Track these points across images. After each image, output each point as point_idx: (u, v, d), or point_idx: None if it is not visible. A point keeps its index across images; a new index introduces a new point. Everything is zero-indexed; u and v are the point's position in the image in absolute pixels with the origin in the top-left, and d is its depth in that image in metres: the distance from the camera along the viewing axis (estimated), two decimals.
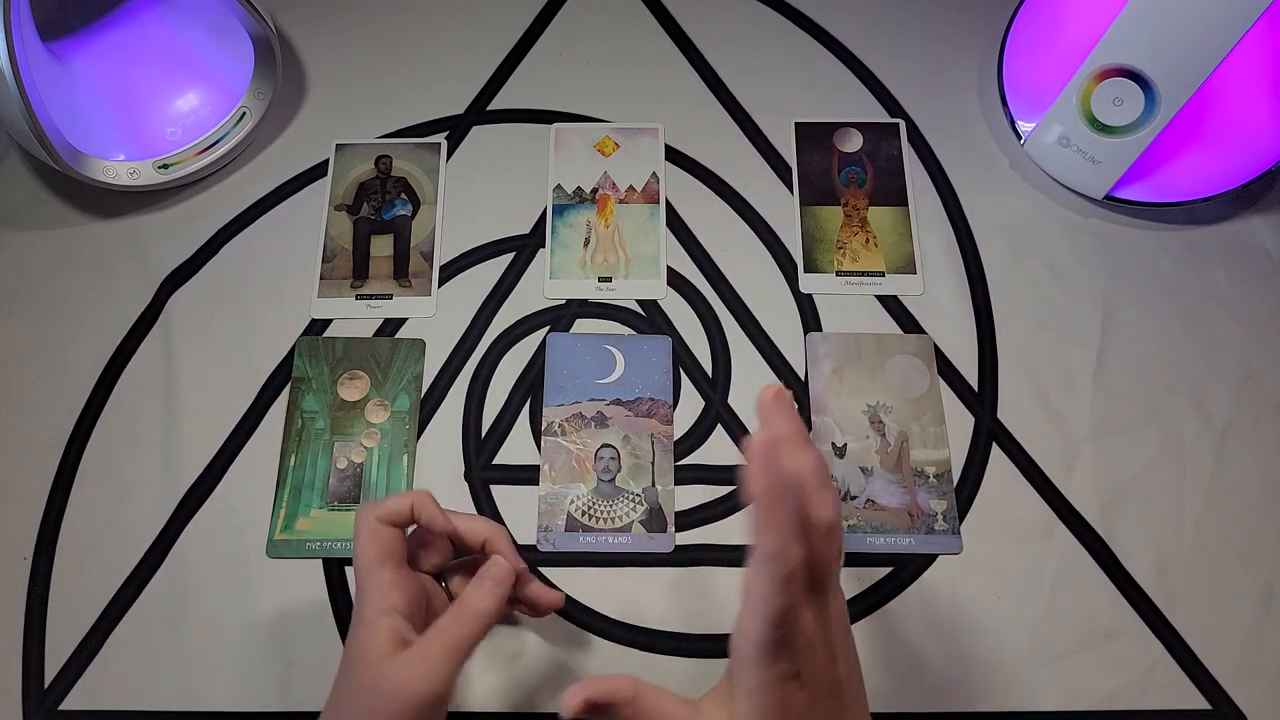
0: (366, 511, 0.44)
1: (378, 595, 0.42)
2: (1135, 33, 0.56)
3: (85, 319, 0.60)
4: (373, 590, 0.42)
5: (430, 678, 0.40)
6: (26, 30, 0.55)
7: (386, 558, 0.43)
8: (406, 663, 0.40)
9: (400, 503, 0.44)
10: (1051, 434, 0.57)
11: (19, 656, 0.52)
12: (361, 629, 0.41)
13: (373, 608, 0.42)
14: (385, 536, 0.43)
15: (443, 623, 0.41)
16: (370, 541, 0.43)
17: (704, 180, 0.65)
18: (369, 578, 0.42)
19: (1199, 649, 0.52)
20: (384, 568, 0.43)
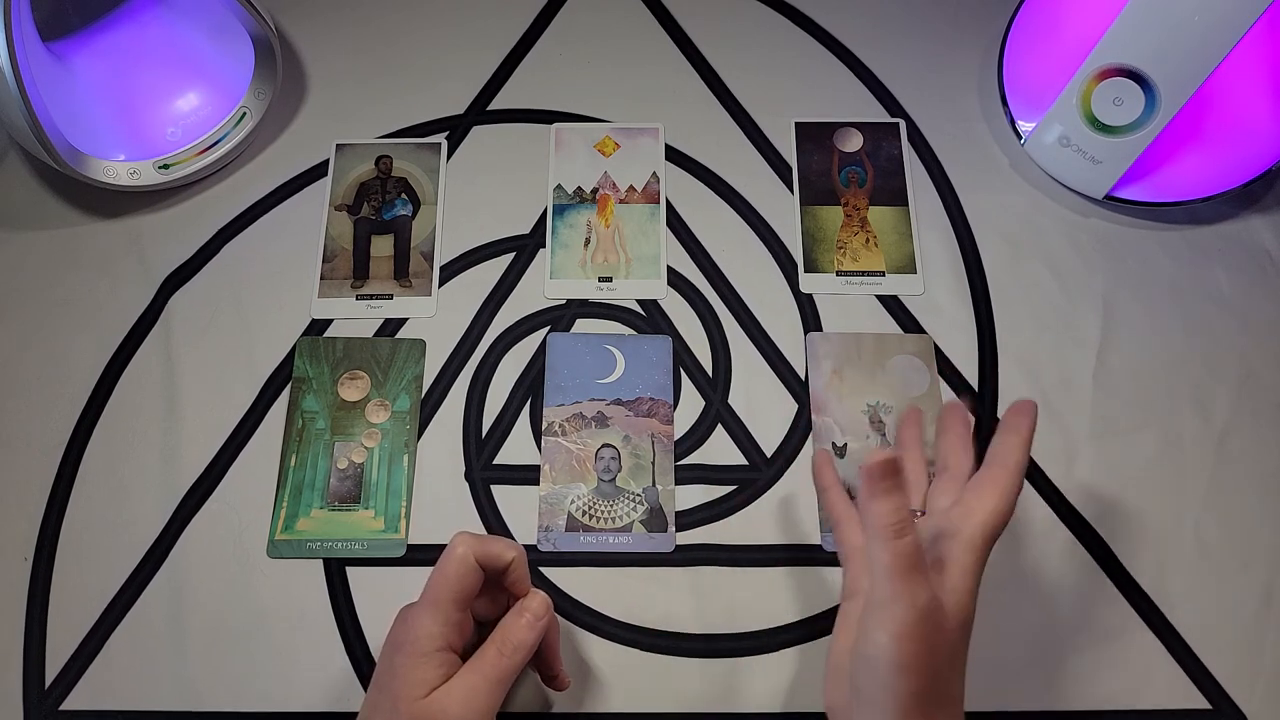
0: (467, 545, 0.43)
1: (442, 631, 0.42)
2: (1135, 33, 0.56)
3: (85, 319, 0.60)
4: (439, 625, 0.42)
5: (476, 711, 0.41)
6: (26, 30, 0.55)
7: (466, 598, 0.43)
8: (455, 695, 0.41)
9: (503, 552, 0.44)
10: (1051, 434, 0.57)
11: (19, 656, 0.52)
12: (417, 661, 0.41)
13: (432, 642, 0.42)
14: (473, 578, 0.43)
15: (487, 655, 0.43)
16: (461, 577, 0.43)
17: (704, 180, 0.65)
18: (440, 611, 0.42)
19: (1199, 649, 0.52)
20: (458, 607, 0.43)
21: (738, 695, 0.51)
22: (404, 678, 0.41)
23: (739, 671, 0.52)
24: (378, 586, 0.54)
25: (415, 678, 0.41)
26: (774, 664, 0.52)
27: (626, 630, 0.53)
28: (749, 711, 0.51)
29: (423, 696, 0.41)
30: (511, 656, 0.43)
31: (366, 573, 0.54)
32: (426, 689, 0.41)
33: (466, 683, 0.42)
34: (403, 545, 0.55)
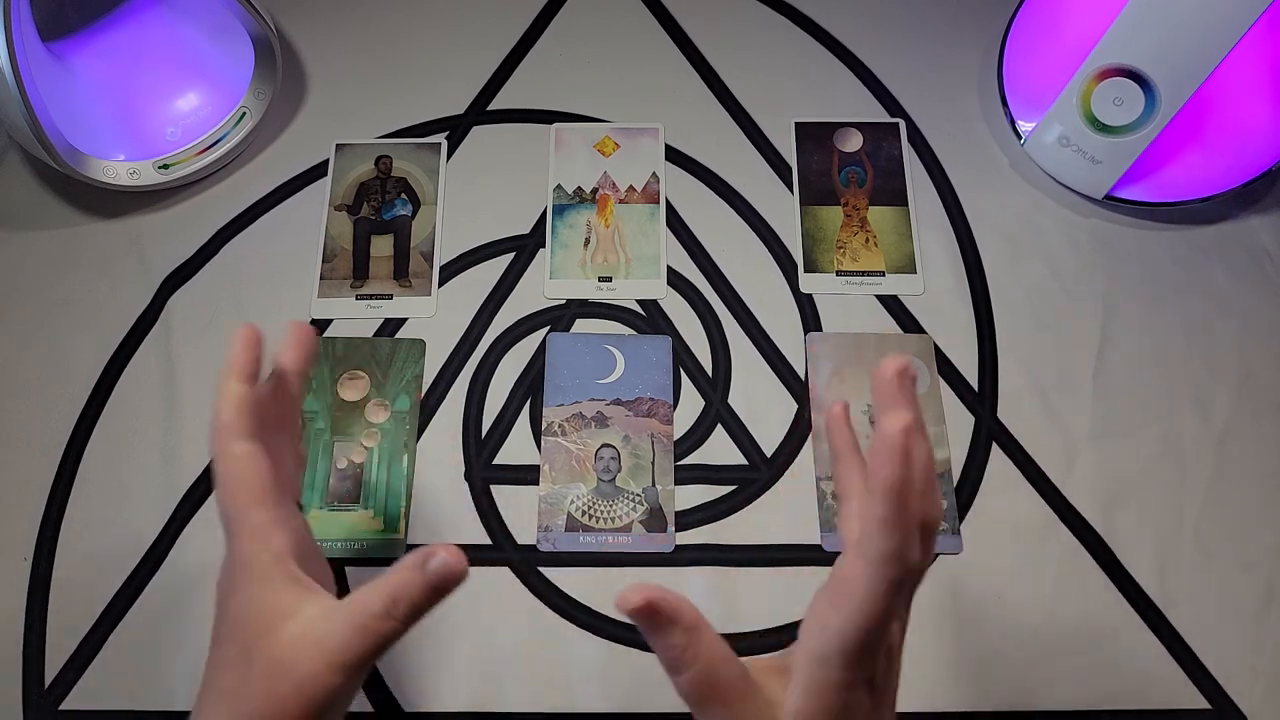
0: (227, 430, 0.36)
1: (266, 536, 0.35)
2: (1135, 33, 0.56)
3: (85, 319, 0.60)
4: (260, 534, 0.35)
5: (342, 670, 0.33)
6: (26, 30, 0.55)
7: (266, 488, 0.36)
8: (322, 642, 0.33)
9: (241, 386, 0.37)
10: (1051, 434, 0.57)
11: (19, 656, 0.52)
12: (256, 589, 0.34)
13: (263, 554, 0.34)
14: (260, 464, 0.36)
15: (369, 607, 0.33)
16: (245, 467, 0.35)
17: (704, 180, 0.65)
18: (250, 519, 0.35)
19: (1199, 649, 0.52)
20: (264, 504, 0.35)
21: None
22: (242, 615, 0.34)
23: None
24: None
25: (257, 607, 0.34)
26: None
27: (626, 630, 0.53)
28: None
29: (278, 633, 0.33)
30: (404, 619, 0.33)
31: (366, 573, 0.54)
32: (281, 621, 0.33)
33: (340, 630, 0.33)
34: (402, 545, 0.55)
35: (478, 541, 0.55)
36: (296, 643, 0.33)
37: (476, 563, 0.54)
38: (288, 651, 0.33)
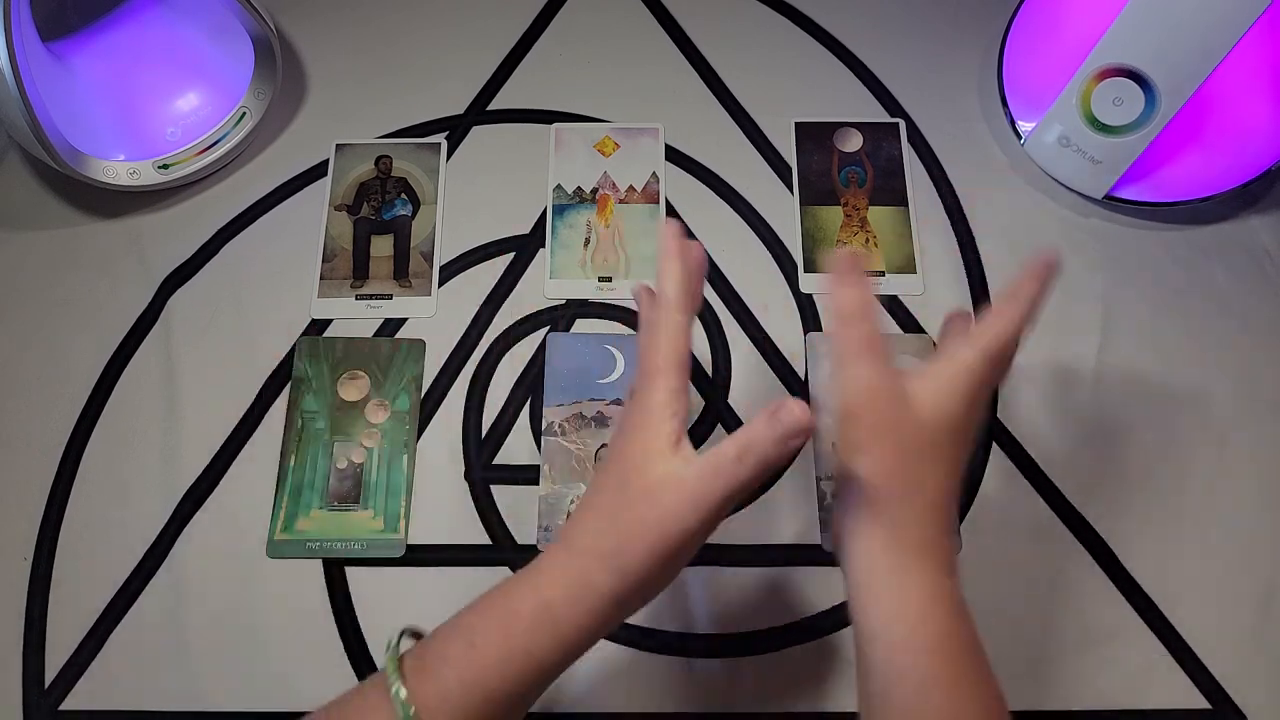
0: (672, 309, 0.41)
1: (668, 400, 0.39)
2: (1135, 33, 0.56)
3: (85, 319, 0.60)
4: (664, 393, 0.39)
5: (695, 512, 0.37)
6: (26, 30, 0.55)
7: (685, 361, 0.41)
8: (686, 482, 0.37)
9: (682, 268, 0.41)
10: (1051, 434, 0.57)
11: (19, 656, 0.52)
12: (646, 431, 0.39)
13: (663, 409, 0.39)
14: (689, 338, 0.41)
15: (725, 454, 0.38)
16: (677, 337, 0.40)
17: (704, 180, 0.65)
18: (663, 377, 0.40)
19: (1199, 649, 0.52)
20: (680, 370, 0.40)
21: (738, 695, 0.51)
22: (633, 448, 0.39)
23: (739, 671, 0.52)
24: (377, 586, 0.54)
25: (645, 447, 0.39)
26: (774, 664, 0.52)
27: (626, 630, 0.53)
28: (749, 711, 0.51)
29: (654, 468, 0.38)
30: (752, 468, 0.37)
31: (366, 573, 0.54)
32: (658, 459, 0.38)
33: (699, 474, 0.38)
34: (402, 545, 0.55)
35: (478, 541, 0.55)
36: (664, 480, 0.38)
37: (476, 563, 0.54)
38: (655, 485, 0.38)
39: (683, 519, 0.37)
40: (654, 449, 0.39)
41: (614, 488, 0.39)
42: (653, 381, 0.40)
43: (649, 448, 0.39)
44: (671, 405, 0.39)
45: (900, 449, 0.39)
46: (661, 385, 0.40)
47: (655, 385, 0.40)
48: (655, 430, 0.39)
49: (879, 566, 0.39)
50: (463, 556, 0.54)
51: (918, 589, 0.38)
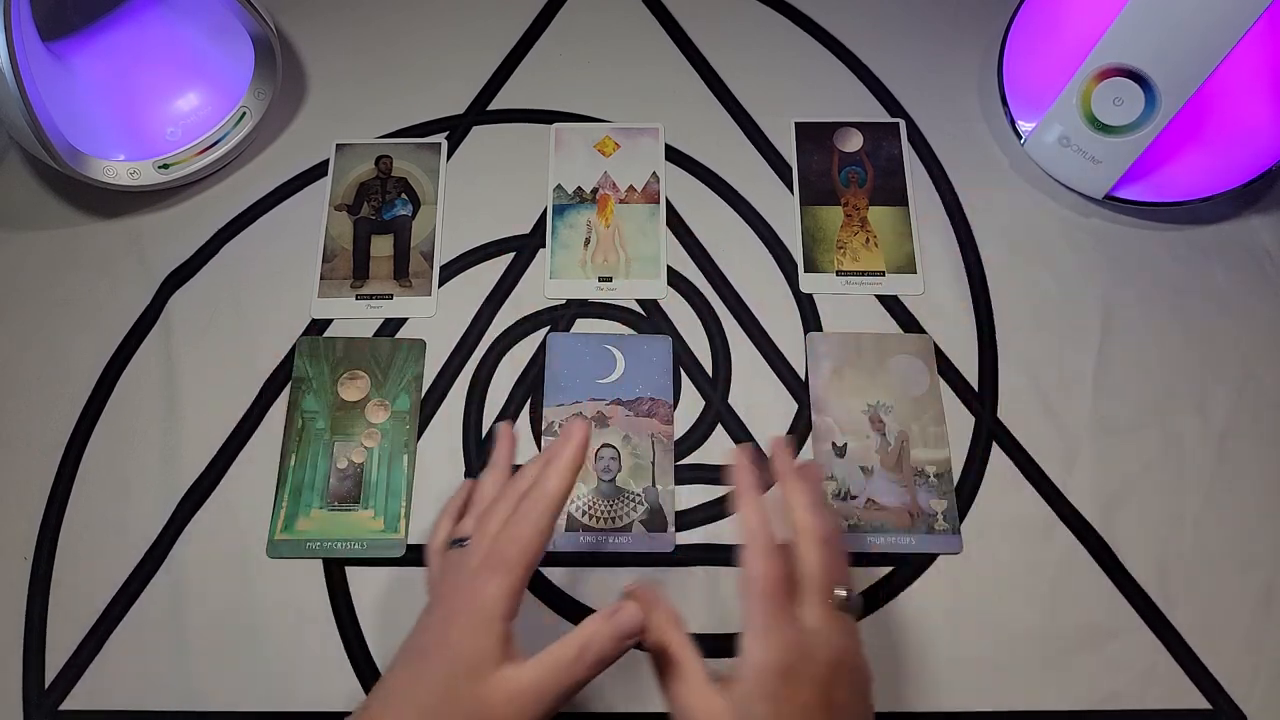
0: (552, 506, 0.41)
1: (510, 599, 0.39)
2: (1135, 33, 0.56)
3: (85, 319, 0.60)
4: (507, 591, 0.39)
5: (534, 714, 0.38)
6: (26, 30, 0.55)
7: (535, 563, 0.40)
8: (523, 688, 0.37)
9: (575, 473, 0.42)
10: (1051, 434, 0.57)
11: (19, 656, 0.52)
12: (481, 631, 0.38)
13: (499, 608, 0.39)
14: (547, 539, 0.41)
15: (565, 655, 0.38)
16: (541, 536, 0.40)
17: (704, 180, 0.65)
18: (513, 576, 0.39)
19: (1199, 649, 0.52)
20: (527, 572, 0.40)
21: None
22: (463, 648, 0.38)
23: None
24: (377, 586, 0.54)
25: (478, 649, 0.38)
26: None
27: None
28: None
29: (486, 673, 0.37)
30: (591, 666, 0.38)
31: (366, 573, 0.54)
32: (490, 664, 0.38)
33: (537, 678, 0.38)
34: (402, 545, 0.55)
35: None
36: (500, 688, 0.37)
37: None
38: (490, 694, 0.37)
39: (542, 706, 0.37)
40: (486, 652, 0.38)
41: (441, 689, 0.38)
42: (497, 574, 0.39)
43: (481, 649, 0.38)
44: (510, 604, 0.39)
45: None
46: (504, 581, 0.39)
47: (498, 579, 0.39)
48: (488, 630, 0.38)
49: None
50: None
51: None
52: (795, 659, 0.39)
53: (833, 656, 0.39)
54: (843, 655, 0.40)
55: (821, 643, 0.39)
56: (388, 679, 0.40)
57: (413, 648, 0.40)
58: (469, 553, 0.42)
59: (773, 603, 0.40)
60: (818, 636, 0.40)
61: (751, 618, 0.40)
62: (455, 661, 0.38)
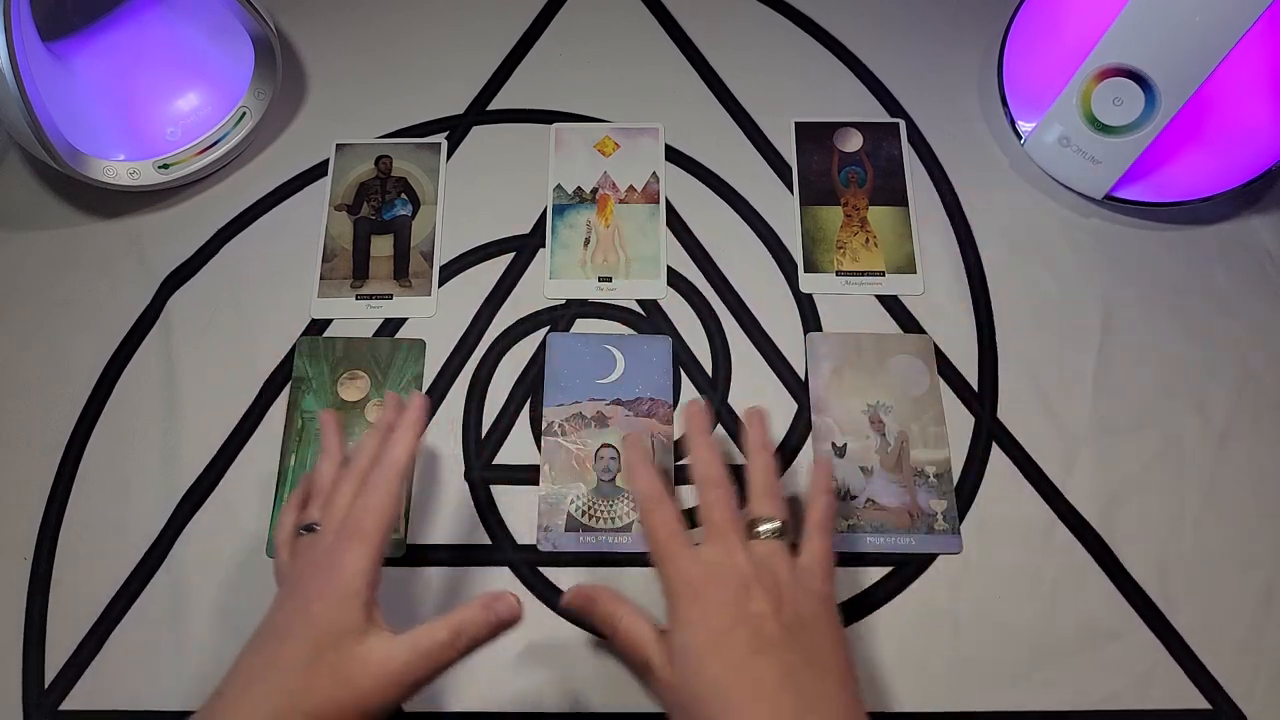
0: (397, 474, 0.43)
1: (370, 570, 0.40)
2: (1135, 33, 0.56)
3: (85, 319, 0.60)
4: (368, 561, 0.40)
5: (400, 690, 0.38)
6: (26, 30, 0.55)
7: (390, 531, 0.42)
8: (391, 663, 0.38)
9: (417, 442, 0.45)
10: (1051, 434, 0.57)
11: (19, 656, 0.52)
12: (344, 604, 0.39)
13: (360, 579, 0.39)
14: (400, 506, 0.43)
15: (436, 636, 0.40)
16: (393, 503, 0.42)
17: (704, 180, 0.65)
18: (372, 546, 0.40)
19: (1199, 649, 0.52)
20: (385, 540, 0.41)
21: None
22: (326, 621, 0.38)
23: None
24: None
25: (342, 620, 0.38)
26: None
27: None
28: None
29: (351, 644, 0.38)
30: (463, 650, 0.39)
31: None
32: (355, 635, 0.38)
33: (407, 658, 0.38)
34: (402, 545, 0.55)
35: (478, 542, 0.55)
36: (364, 661, 0.38)
37: (476, 563, 0.54)
38: (356, 668, 0.37)
39: (385, 701, 0.38)
40: (351, 624, 0.38)
41: (304, 665, 0.38)
42: (352, 543, 0.40)
43: (345, 621, 0.38)
44: (372, 573, 0.39)
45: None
46: (363, 550, 0.40)
47: (356, 549, 0.40)
48: (353, 600, 0.38)
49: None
50: (463, 556, 0.54)
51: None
52: (697, 586, 0.42)
53: (737, 579, 0.42)
54: (754, 575, 0.42)
55: (722, 569, 0.42)
56: (241, 663, 0.39)
57: (269, 630, 0.40)
58: (321, 533, 0.42)
59: (665, 548, 0.43)
60: (717, 565, 0.43)
61: (656, 566, 0.43)
62: (319, 636, 0.38)
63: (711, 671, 0.40)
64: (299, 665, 0.38)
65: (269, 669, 0.38)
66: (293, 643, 0.38)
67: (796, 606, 0.42)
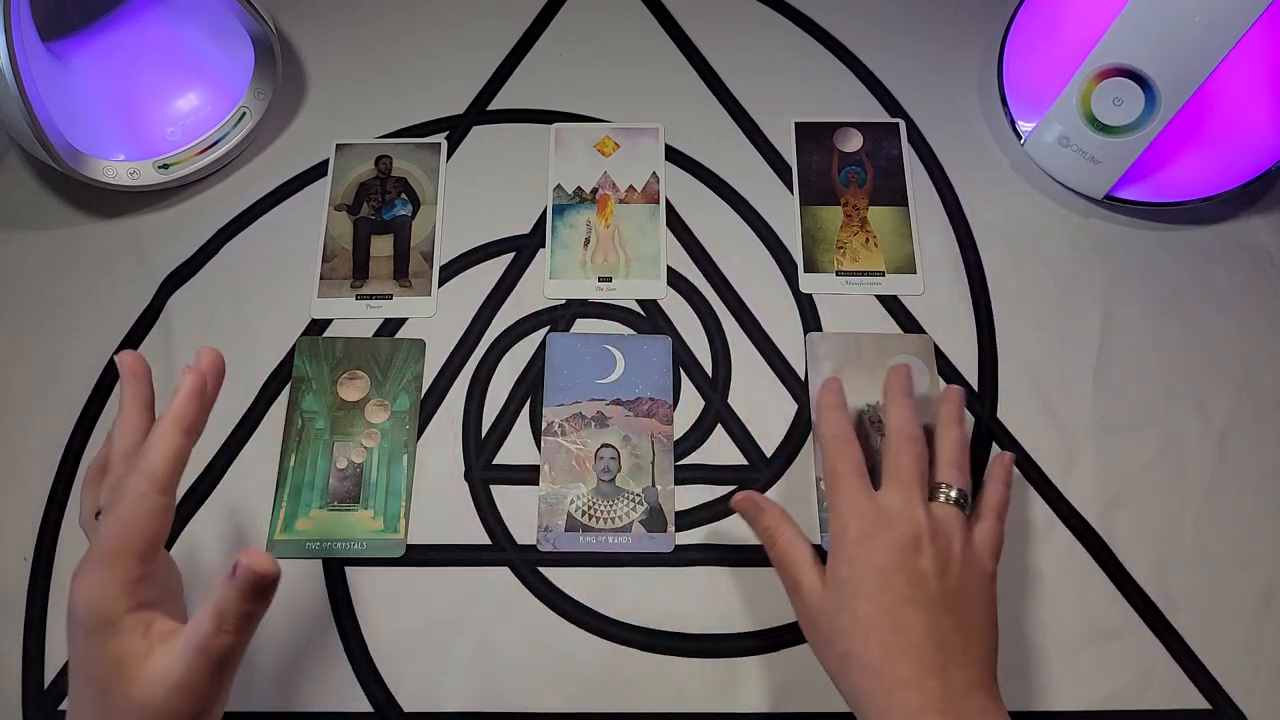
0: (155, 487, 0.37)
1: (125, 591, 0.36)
2: (1135, 33, 0.56)
3: (85, 319, 0.60)
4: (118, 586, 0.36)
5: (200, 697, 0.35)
6: (26, 30, 0.55)
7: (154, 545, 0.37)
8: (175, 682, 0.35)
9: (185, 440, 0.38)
10: (1051, 434, 0.57)
11: (19, 656, 0.52)
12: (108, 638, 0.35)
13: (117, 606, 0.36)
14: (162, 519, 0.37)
15: (202, 629, 0.35)
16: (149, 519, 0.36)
17: (704, 180, 0.65)
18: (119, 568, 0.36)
19: (1199, 649, 0.52)
20: (144, 559, 0.36)
21: (738, 695, 0.51)
22: (97, 659, 0.35)
23: (739, 671, 0.52)
24: (377, 587, 0.54)
25: (112, 655, 0.35)
26: (774, 664, 0.52)
27: (626, 630, 0.53)
28: (749, 711, 0.51)
29: (134, 673, 0.35)
30: (235, 630, 0.35)
31: (365, 573, 0.54)
32: (134, 663, 0.35)
33: (186, 662, 0.35)
34: (402, 545, 0.55)
35: (478, 542, 0.55)
36: (150, 683, 0.35)
37: (476, 563, 0.54)
38: (144, 691, 0.35)
39: (184, 712, 0.35)
40: (124, 654, 0.35)
41: (95, 703, 0.35)
42: (101, 571, 0.36)
43: (120, 653, 0.35)
44: (128, 598, 0.36)
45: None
46: (112, 577, 0.36)
47: (103, 576, 0.36)
48: (114, 631, 0.35)
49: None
50: (463, 556, 0.54)
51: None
52: (869, 526, 0.44)
53: (911, 530, 0.44)
54: (929, 532, 0.44)
55: (899, 516, 0.44)
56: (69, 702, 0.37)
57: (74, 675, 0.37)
58: (91, 538, 0.39)
59: (845, 482, 0.45)
60: (894, 511, 0.44)
61: (830, 500, 0.46)
62: (96, 678, 0.35)
63: (864, 608, 0.42)
64: (92, 702, 0.36)
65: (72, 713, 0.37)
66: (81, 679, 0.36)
67: (961, 576, 0.44)
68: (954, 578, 0.43)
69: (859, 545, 0.44)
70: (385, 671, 0.52)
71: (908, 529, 0.44)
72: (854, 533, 0.44)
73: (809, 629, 0.45)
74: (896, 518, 0.44)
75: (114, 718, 0.35)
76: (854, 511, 0.45)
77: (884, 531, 0.44)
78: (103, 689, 0.35)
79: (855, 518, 0.44)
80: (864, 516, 0.44)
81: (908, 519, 0.44)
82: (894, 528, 0.44)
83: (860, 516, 0.44)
